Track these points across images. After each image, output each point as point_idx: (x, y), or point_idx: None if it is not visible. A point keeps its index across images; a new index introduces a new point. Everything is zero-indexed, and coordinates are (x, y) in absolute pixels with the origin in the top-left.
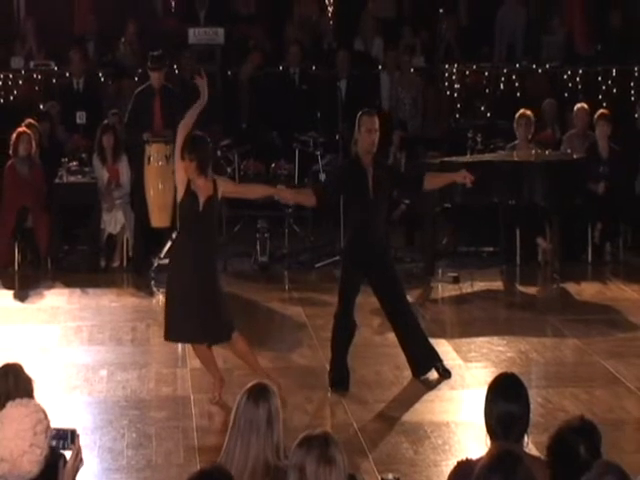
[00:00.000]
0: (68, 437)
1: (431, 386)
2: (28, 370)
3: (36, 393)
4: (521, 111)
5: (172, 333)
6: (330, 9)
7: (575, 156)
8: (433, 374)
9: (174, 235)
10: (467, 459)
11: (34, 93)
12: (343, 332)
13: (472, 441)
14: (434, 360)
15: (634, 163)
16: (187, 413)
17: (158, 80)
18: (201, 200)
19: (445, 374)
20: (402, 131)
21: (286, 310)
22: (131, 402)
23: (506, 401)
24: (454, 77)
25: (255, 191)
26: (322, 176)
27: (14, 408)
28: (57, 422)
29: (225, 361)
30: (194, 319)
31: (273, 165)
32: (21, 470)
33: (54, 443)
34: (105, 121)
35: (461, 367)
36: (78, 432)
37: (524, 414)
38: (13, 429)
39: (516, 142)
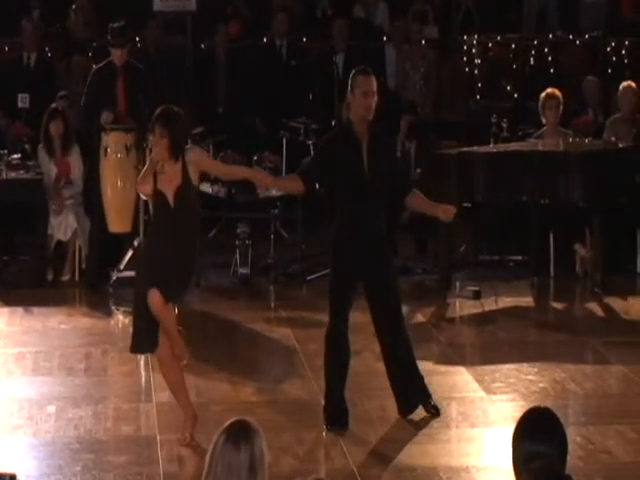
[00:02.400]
0: None
1: (447, 423)
2: None
3: None
4: (548, 91)
5: (139, 346)
6: None
7: (621, 145)
8: (420, 412)
9: (136, 242)
10: None
11: None
12: (336, 356)
13: None
14: (422, 397)
15: None
16: (152, 457)
17: (121, 57)
18: (169, 193)
19: (434, 411)
20: (411, 115)
21: (272, 332)
22: (85, 444)
23: (536, 441)
24: (474, 50)
25: (230, 171)
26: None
27: None
28: None
29: (199, 394)
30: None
31: (256, 157)
32: None
33: None
34: (53, 105)
35: (483, 400)
36: (19, 478)
37: (559, 457)
38: None
39: (544, 129)
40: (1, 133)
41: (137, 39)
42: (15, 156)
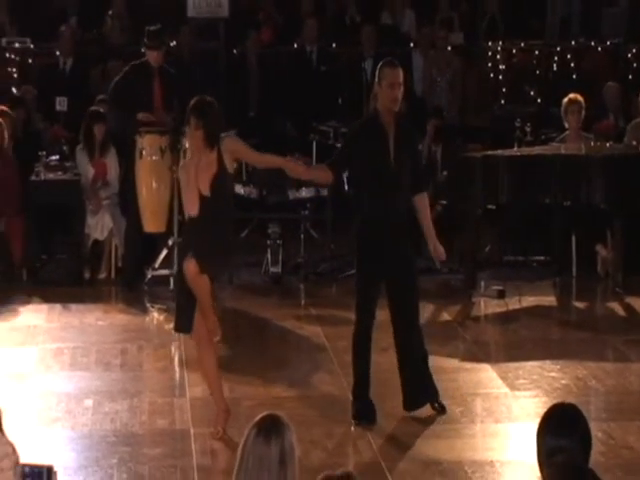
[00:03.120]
0: (44, 475)
1: (472, 419)
2: None
3: (6, 425)
4: (570, 96)
5: (178, 325)
6: None
7: None
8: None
9: (170, 242)
10: None
11: (7, 75)
12: (363, 353)
13: None
14: (429, 395)
15: None
16: (186, 450)
17: (157, 59)
18: (205, 183)
19: (440, 409)
20: (438, 119)
21: (302, 329)
22: (121, 437)
23: (560, 436)
24: (498, 56)
25: (263, 159)
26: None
27: None
28: (32, 459)
29: (231, 390)
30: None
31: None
32: None
33: None
34: (94, 108)
35: (507, 396)
36: (56, 470)
37: (582, 451)
38: None
39: (566, 133)
40: (40, 135)
41: (171, 44)
42: (53, 158)
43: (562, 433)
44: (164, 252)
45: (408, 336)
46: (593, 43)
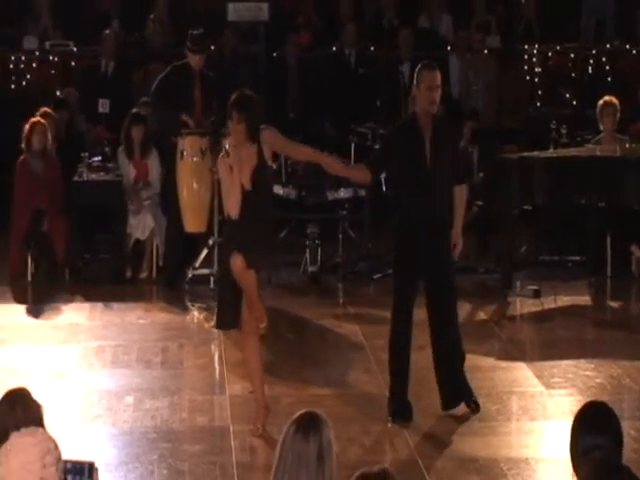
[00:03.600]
0: (85, 472)
1: (507, 417)
2: (42, 397)
3: (48, 422)
4: (606, 98)
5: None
6: None
7: None
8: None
9: (210, 241)
10: None
11: (50, 77)
12: (401, 352)
13: None
14: (464, 395)
15: None
16: (226, 447)
17: (199, 63)
18: (246, 175)
19: (474, 407)
20: (474, 122)
21: (340, 328)
22: (161, 434)
23: (594, 434)
24: (534, 59)
25: (302, 152)
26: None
27: (20, 438)
28: (74, 455)
29: (270, 387)
30: None
31: None
32: None
33: (69, 478)
34: (134, 110)
35: (543, 394)
36: (97, 466)
37: (615, 449)
38: (19, 461)
39: (601, 135)
40: (82, 137)
41: (212, 47)
42: (96, 159)
43: (597, 431)
44: (204, 252)
45: (444, 336)
46: (628, 46)
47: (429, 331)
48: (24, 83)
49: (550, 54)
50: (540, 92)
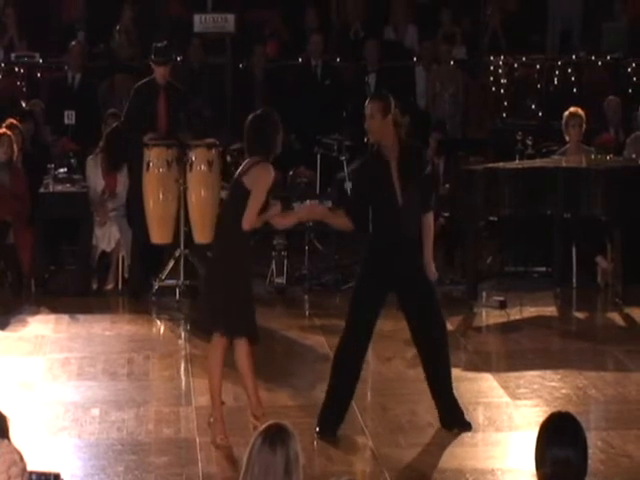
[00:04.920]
0: None
1: (474, 428)
2: (7, 408)
3: (14, 433)
4: (571, 109)
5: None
6: None
7: None
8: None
9: (177, 253)
10: None
11: (16, 89)
12: (345, 364)
13: None
14: (459, 415)
15: None
16: (192, 458)
17: (163, 76)
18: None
19: (466, 427)
20: (440, 132)
21: (307, 340)
22: (127, 445)
23: (560, 445)
24: (500, 70)
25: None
26: (348, 185)
27: None
28: (40, 467)
29: (236, 399)
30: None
31: (291, 172)
32: None
33: None
34: (115, 123)
35: (509, 405)
36: (63, 478)
37: (581, 460)
38: None
39: (567, 146)
40: (48, 148)
41: (179, 59)
42: (61, 170)
43: (564, 442)
44: (171, 263)
45: (435, 346)
46: (593, 57)
47: (422, 364)
48: None
49: (516, 65)
50: (506, 103)
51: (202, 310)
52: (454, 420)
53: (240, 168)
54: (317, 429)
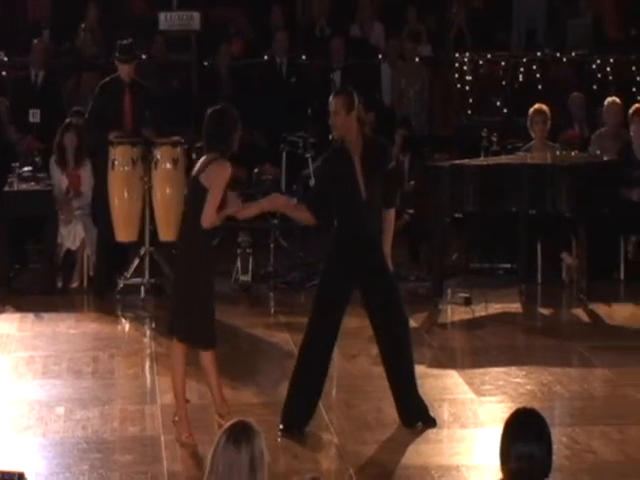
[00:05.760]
0: None
1: (439, 424)
2: None
3: None
4: (536, 106)
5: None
6: None
7: (606, 158)
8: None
9: (142, 251)
10: None
11: None
12: (312, 362)
13: None
14: (423, 411)
15: None
16: (157, 456)
17: (128, 73)
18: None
19: (430, 423)
20: (406, 129)
21: (272, 337)
22: (92, 444)
23: (525, 441)
24: (465, 68)
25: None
26: (313, 182)
27: None
28: (4, 466)
29: (201, 397)
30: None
31: (256, 170)
32: None
33: None
34: (67, 119)
35: (474, 402)
36: (27, 476)
37: (546, 456)
38: None
39: (532, 143)
40: (13, 147)
41: (144, 57)
42: (26, 169)
43: (528, 438)
44: (136, 261)
45: (396, 343)
46: (558, 54)
47: (382, 360)
48: None
49: (481, 62)
50: (471, 100)
51: (169, 309)
52: (418, 416)
53: (197, 166)
54: (281, 426)
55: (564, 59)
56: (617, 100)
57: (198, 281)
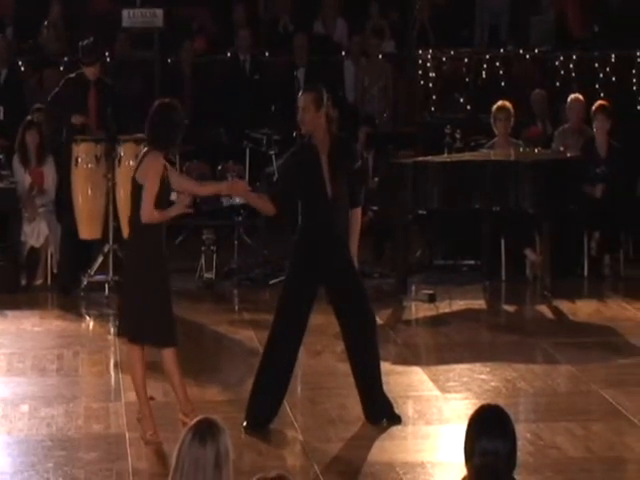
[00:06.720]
0: None
1: (404, 421)
2: None
3: None
4: (499, 103)
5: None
6: None
7: (569, 155)
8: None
9: (106, 248)
10: None
11: None
12: (278, 359)
13: None
14: (388, 408)
15: (636, 163)
16: (122, 454)
17: (94, 73)
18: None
19: (395, 420)
20: (369, 127)
21: (236, 334)
22: (57, 442)
23: (490, 437)
24: (429, 64)
25: (205, 189)
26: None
27: None
28: None
29: (165, 394)
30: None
31: (220, 167)
32: None
33: None
34: (28, 117)
35: (438, 399)
36: None
37: (511, 452)
38: None
39: (495, 139)
40: None
41: (107, 54)
42: None
43: (492, 434)
44: (100, 258)
45: (363, 342)
46: (521, 51)
47: (347, 354)
48: None
49: (444, 59)
50: (434, 97)
51: (120, 311)
52: (383, 413)
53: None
54: (244, 423)
55: (527, 56)
56: (580, 97)
57: (148, 280)
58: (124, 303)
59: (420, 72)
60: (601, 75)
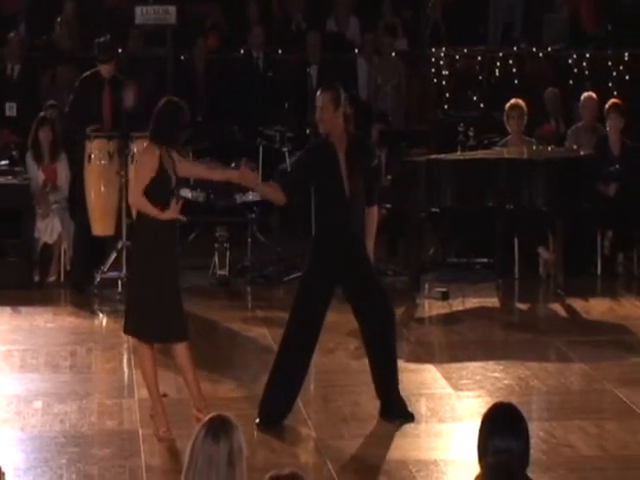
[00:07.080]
0: None
1: (417, 419)
2: None
3: None
4: (512, 101)
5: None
6: None
7: (582, 153)
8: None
9: (119, 245)
10: None
11: None
12: (293, 358)
13: None
14: (402, 406)
15: None
16: (135, 450)
17: (109, 71)
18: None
19: (408, 418)
20: (382, 124)
21: (249, 331)
22: (70, 438)
23: (503, 436)
24: (442, 62)
25: (216, 174)
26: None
27: None
28: None
29: (179, 391)
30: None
31: (233, 164)
32: None
33: None
34: (41, 114)
35: (451, 396)
36: (4, 471)
37: (524, 450)
38: None
39: (508, 137)
40: None
41: (120, 51)
42: (3, 162)
43: (506, 432)
44: (113, 255)
45: (381, 341)
46: (535, 49)
47: (365, 350)
48: None
49: (457, 57)
50: (447, 95)
51: (127, 308)
52: (397, 411)
53: None
54: (257, 420)
55: (540, 54)
56: (593, 95)
57: (153, 277)
58: (129, 300)
59: (433, 70)
60: (614, 73)
